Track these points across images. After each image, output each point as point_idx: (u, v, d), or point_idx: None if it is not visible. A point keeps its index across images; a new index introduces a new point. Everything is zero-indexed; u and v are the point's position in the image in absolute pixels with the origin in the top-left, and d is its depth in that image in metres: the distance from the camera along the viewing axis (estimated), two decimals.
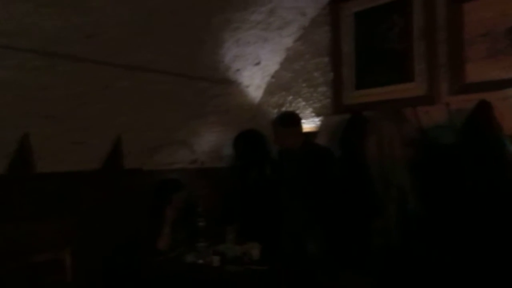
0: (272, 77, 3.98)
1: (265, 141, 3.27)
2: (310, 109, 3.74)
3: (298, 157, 2.93)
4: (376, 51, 3.24)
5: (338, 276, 2.75)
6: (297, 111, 3.84)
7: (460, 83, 2.89)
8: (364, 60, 3.33)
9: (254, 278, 2.45)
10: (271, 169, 3.11)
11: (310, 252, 2.76)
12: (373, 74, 3.27)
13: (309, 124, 3.62)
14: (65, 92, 2.79)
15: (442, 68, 2.97)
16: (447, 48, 2.95)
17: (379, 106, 3.04)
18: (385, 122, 2.83)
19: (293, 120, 3.03)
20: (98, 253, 3.06)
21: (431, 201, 2.66)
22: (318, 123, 3.64)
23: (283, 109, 3.94)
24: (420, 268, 2.69)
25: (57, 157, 3.00)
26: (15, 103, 2.63)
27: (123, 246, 3.13)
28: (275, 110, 4.00)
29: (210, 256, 2.64)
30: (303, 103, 3.78)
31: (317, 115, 3.65)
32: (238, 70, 3.67)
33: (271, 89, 4.02)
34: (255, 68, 3.79)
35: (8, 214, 2.75)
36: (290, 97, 3.90)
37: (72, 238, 2.94)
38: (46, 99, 2.74)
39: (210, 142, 3.97)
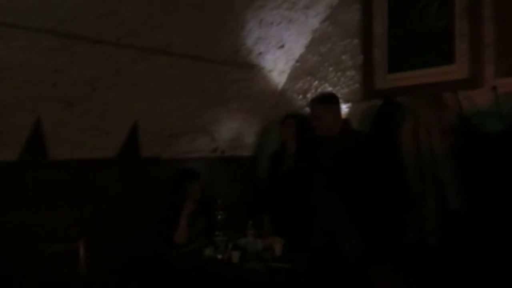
0: (297, 61, 3.82)
1: (307, 127, 2.97)
2: (338, 95, 3.49)
3: (336, 145, 2.65)
4: (412, 31, 3.02)
5: (369, 275, 2.54)
6: None
7: (508, 64, 2.63)
8: (398, 40, 3.12)
9: (276, 276, 2.26)
10: (304, 159, 2.87)
11: (344, 250, 2.54)
12: (408, 55, 3.06)
13: None
14: (79, 75, 2.67)
15: (488, 47, 2.73)
16: (493, 25, 2.70)
17: (415, 90, 2.78)
18: (422, 108, 2.59)
19: (332, 97, 2.74)
20: (114, 244, 2.96)
21: (473, 196, 2.42)
22: (346, 110, 3.43)
23: (308, 95, 3.73)
24: (458, 269, 2.46)
25: (71, 144, 2.90)
26: (26, 86, 2.52)
27: (139, 238, 3.05)
28: (300, 97, 3.82)
29: (229, 251, 2.47)
30: (330, 88, 3.59)
31: (345, 101, 3.44)
32: (260, 53, 3.52)
33: (295, 74, 3.85)
34: (279, 52, 3.63)
35: (21, 203, 2.67)
36: (316, 83, 3.72)
37: (87, 228, 2.84)
38: (58, 83, 2.63)
39: (231, 129, 3.85)
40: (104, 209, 3.00)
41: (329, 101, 2.69)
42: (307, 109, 3.72)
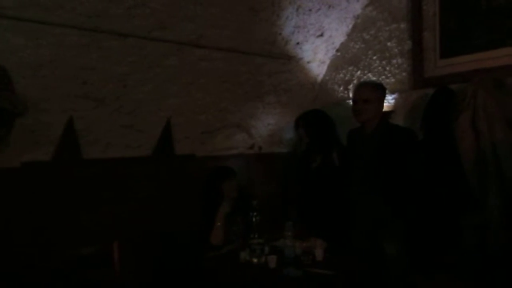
0: (338, 50, 3.61)
1: (331, 122, 2.92)
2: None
3: (372, 140, 2.47)
4: (469, 9, 2.71)
5: (416, 283, 2.31)
6: None
7: None
8: (452, 21, 2.82)
9: (317, 284, 2.06)
10: (338, 155, 2.76)
11: (387, 253, 2.32)
12: (463, 38, 2.76)
13: None
14: (109, 71, 2.61)
15: None
16: None
17: (474, 76, 2.52)
18: (482, 95, 2.32)
19: (383, 86, 2.65)
20: (148, 246, 2.89)
21: None
22: (393, 101, 3.19)
23: (350, 86, 3.50)
24: None
25: (103, 142, 2.85)
26: (56, 84, 2.48)
27: (174, 239, 2.97)
28: (341, 88, 3.59)
29: (266, 255, 2.31)
30: (374, 79, 3.33)
31: (392, 92, 3.19)
32: (298, 43, 3.34)
33: (336, 64, 3.64)
34: (318, 41, 3.43)
35: (54, 204, 2.64)
36: (359, 73, 3.49)
37: (121, 229, 2.77)
38: (89, 80, 2.58)
39: (268, 125, 3.70)
40: (138, 209, 2.93)
41: (381, 88, 2.63)
42: (349, 102, 3.50)
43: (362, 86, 2.64)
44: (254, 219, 2.51)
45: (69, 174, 2.72)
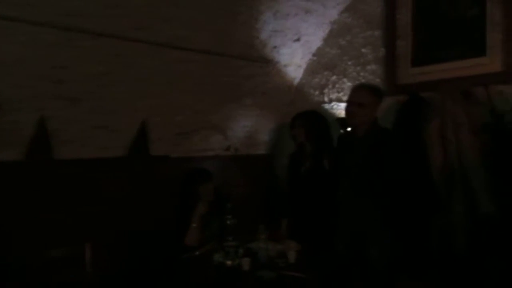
0: (314, 54, 3.67)
1: (328, 125, 2.87)
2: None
3: (363, 144, 2.46)
4: (440, 20, 2.81)
5: (394, 284, 2.36)
6: (341, 94, 3.47)
7: None
8: (423, 31, 2.92)
9: (290, 287, 2.10)
10: (330, 159, 2.72)
11: (371, 256, 2.36)
12: (434, 47, 2.86)
13: None
14: (84, 71, 2.59)
15: None
16: None
17: (443, 85, 2.63)
18: (450, 104, 2.41)
19: (381, 92, 2.55)
20: (121, 247, 2.89)
21: (507, 200, 2.21)
22: None
23: (326, 91, 3.56)
24: (488, 281, 2.28)
25: (77, 143, 2.82)
26: (28, 83, 2.45)
27: (149, 240, 2.95)
28: (316, 92, 3.66)
29: (239, 257, 2.33)
30: (349, 83, 3.41)
31: None
32: (275, 47, 3.39)
33: (312, 69, 3.71)
34: (295, 45, 3.49)
35: (25, 204, 2.60)
36: (334, 77, 3.57)
37: (94, 230, 2.76)
38: (62, 79, 2.55)
39: (245, 127, 3.74)
40: (112, 210, 2.91)
41: (379, 93, 2.52)
42: (324, 106, 3.58)
43: (359, 89, 2.54)
44: (229, 222, 2.49)
45: (41, 174, 2.68)
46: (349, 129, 2.61)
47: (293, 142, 2.95)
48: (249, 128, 3.74)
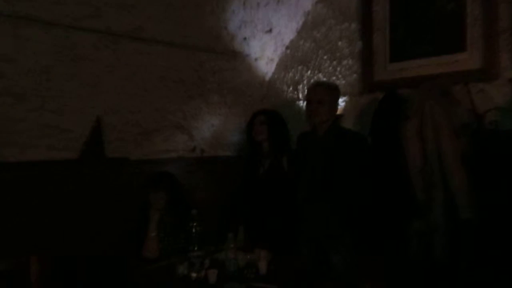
0: (287, 47, 3.74)
1: (284, 124, 3.00)
2: None
3: (323, 144, 2.59)
4: (418, 14, 2.91)
5: None
6: None
7: None
8: (401, 25, 3.02)
9: None
10: (288, 159, 2.86)
11: (333, 264, 2.45)
12: (413, 42, 2.97)
13: None
14: (30, 63, 2.54)
15: (503, 33, 2.63)
16: (510, 8, 2.59)
17: (421, 82, 2.72)
18: (428, 103, 2.53)
19: (337, 88, 2.78)
20: (72, 259, 2.83)
21: (487, 205, 2.33)
22: (343, 104, 3.36)
23: (300, 87, 3.63)
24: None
25: (22, 143, 2.74)
26: None
27: (103, 252, 2.92)
28: (290, 88, 3.71)
29: (206, 268, 2.35)
30: (324, 79, 3.48)
31: (342, 94, 3.28)
32: (245, 38, 3.45)
33: (285, 63, 3.77)
34: (266, 37, 3.55)
35: None
36: (309, 73, 3.64)
37: (40, 241, 2.70)
38: (5, 73, 2.49)
39: (212, 126, 3.74)
40: (61, 218, 2.86)
41: (335, 89, 2.75)
42: (299, 103, 3.64)
43: (317, 87, 2.74)
44: (193, 230, 2.52)
45: None
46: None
47: (248, 142, 3.05)
48: (216, 127, 3.74)
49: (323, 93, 2.64)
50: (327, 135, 2.62)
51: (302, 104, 3.63)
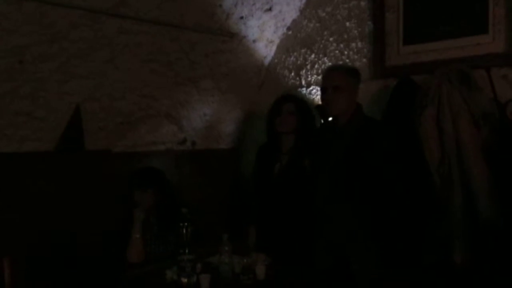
0: (289, 28, 3.73)
1: (313, 117, 2.92)
2: None
3: (345, 136, 2.53)
4: None
5: None
6: (322, 76, 3.53)
7: None
8: (417, 4, 3.01)
9: None
10: (311, 156, 2.77)
11: (353, 269, 2.46)
12: (429, 23, 2.95)
13: None
14: (1, 44, 2.51)
15: None
16: None
17: (438, 67, 2.70)
18: (446, 90, 2.51)
19: (358, 73, 2.68)
20: (49, 262, 2.85)
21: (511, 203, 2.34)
22: None
23: (303, 72, 3.63)
24: None
25: None
26: None
27: (83, 255, 2.95)
28: (292, 74, 3.71)
29: (197, 273, 2.36)
30: (330, 64, 3.46)
31: None
32: (242, 18, 3.42)
33: (287, 45, 3.76)
34: (266, 16, 3.52)
35: None
36: (313, 56, 3.63)
37: (13, 241, 2.72)
38: None
39: (204, 115, 3.75)
40: (36, 217, 2.87)
41: (355, 74, 2.66)
42: (301, 90, 3.64)
43: (333, 71, 2.66)
44: (184, 231, 2.53)
45: None
46: (330, 118, 2.67)
47: (268, 132, 2.96)
48: (209, 117, 3.75)
49: (340, 78, 2.55)
50: (349, 125, 2.54)
51: (306, 91, 3.63)
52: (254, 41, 3.61)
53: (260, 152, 3.05)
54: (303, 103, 2.96)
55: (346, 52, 3.41)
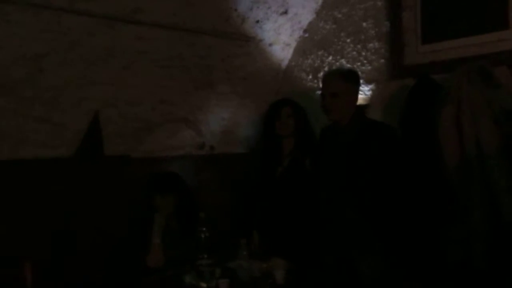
0: (305, 31, 3.72)
1: (305, 116, 3.00)
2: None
3: (346, 138, 2.55)
4: None
5: None
6: None
7: None
8: (434, 2, 2.99)
9: None
10: (312, 157, 2.83)
11: (361, 272, 2.42)
12: (447, 21, 2.93)
13: None
14: (20, 51, 2.55)
15: None
16: None
17: (458, 65, 2.65)
18: (467, 87, 2.46)
19: (356, 75, 2.69)
20: (69, 267, 2.87)
21: None
22: (369, 92, 3.33)
23: (320, 74, 3.62)
24: None
25: (12, 140, 2.78)
26: None
27: (102, 260, 2.97)
28: (309, 77, 3.70)
29: (216, 278, 2.37)
30: (349, 65, 3.45)
31: (367, 82, 3.33)
32: (258, 21, 3.41)
33: (303, 48, 3.75)
34: (282, 19, 3.51)
35: None
36: (330, 58, 3.62)
37: (35, 247, 2.74)
38: None
39: (222, 120, 3.75)
40: (56, 222, 2.89)
41: (353, 78, 2.66)
42: (319, 93, 3.61)
43: (329, 76, 2.68)
44: (202, 235, 2.54)
45: None
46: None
47: (266, 136, 3.05)
48: (226, 121, 3.75)
49: (337, 84, 2.55)
50: (349, 128, 2.57)
51: None
52: (270, 44, 3.61)
53: (262, 156, 3.11)
54: (298, 106, 3.01)
55: (363, 53, 3.38)
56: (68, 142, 3.00)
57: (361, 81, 3.08)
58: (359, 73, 3.11)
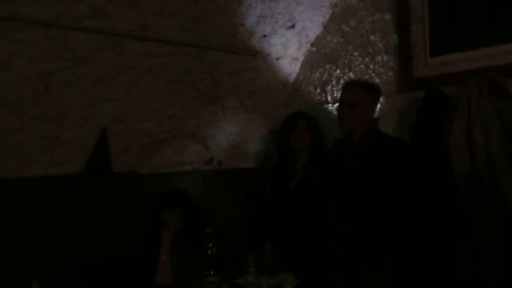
0: (313, 44, 3.71)
1: (320, 130, 3.02)
2: None
3: (357, 152, 2.54)
4: None
5: None
6: None
7: None
8: (443, 13, 2.95)
9: None
10: (323, 171, 2.82)
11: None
12: (457, 32, 2.89)
13: None
14: (27, 69, 2.56)
15: None
16: None
17: (469, 77, 2.62)
18: (476, 100, 2.43)
19: (377, 88, 2.73)
20: (76, 285, 2.87)
21: None
22: (378, 106, 3.25)
23: (328, 88, 3.60)
24: None
25: (20, 158, 2.78)
26: None
27: (110, 278, 2.94)
28: (317, 90, 3.70)
29: None
30: (356, 79, 3.40)
31: None
32: (265, 36, 3.43)
33: (311, 61, 3.74)
34: (289, 33, 3.52)
35: None
36: (338, 72, 3.60)
37: (42, 264, 2.73)
38: (1, 81, 2.51)
39: (230, 135, 3.74)
40: (64, 239, 2.88)
41: (373, 91, 2.68)
42: (327, 107, 3.60)
43: (350, 86, 2.70)
44: (209, 251, 2.55)
45: None
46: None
47: (281, 150, 3.07)
48: (234, 136, 3.74)
49: (357, 94, 2.57)
50: (361, 141, 2.57)
51: (332, 107, 3.58)
52: (278, 58, 3.61)
53: (275, 169, 3.11)
54: (313, 119, 3.03)
55: (371, 66, 3.36)
56: (76, 159, 3.00)
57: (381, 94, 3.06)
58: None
